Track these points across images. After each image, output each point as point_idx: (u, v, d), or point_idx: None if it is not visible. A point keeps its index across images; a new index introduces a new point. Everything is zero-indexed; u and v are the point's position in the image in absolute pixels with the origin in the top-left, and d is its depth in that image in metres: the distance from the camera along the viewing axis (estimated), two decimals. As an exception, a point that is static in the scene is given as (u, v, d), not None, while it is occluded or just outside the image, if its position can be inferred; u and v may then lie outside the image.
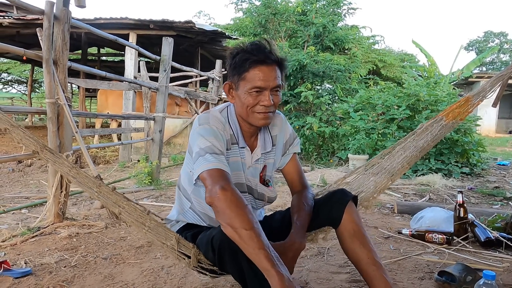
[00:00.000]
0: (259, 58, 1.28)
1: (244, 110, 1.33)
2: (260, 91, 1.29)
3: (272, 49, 1.32)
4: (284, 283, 1.03)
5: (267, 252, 1.06)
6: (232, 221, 1.10)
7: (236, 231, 1.09)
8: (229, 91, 1.38)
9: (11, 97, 21.11)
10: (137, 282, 1.80)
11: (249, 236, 1.07)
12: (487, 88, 1.93)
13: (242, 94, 1.31)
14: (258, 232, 1.09)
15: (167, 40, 4.53)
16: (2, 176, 5.22)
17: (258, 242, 1.07)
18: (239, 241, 1.10)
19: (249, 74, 1.29)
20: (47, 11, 2.49)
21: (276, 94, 1.33)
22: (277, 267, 1.05)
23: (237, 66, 1.31)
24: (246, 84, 1.29)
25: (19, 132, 1.16)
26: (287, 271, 1.07)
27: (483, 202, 3.76)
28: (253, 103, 1.30)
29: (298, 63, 7.58)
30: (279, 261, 1.08)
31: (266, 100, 1.29)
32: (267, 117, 1.33)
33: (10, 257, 2.04)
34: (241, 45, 1.33)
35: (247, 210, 1.13)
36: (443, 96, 6.01)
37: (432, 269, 2.00)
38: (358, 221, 1.40)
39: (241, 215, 1.10)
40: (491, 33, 30.44)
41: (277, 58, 1.31)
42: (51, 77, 2.54)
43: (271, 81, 1.29)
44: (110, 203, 1.24)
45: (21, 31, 8.36)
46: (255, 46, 1.31)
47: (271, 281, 1.04)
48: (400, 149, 1.86)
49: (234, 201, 1.13)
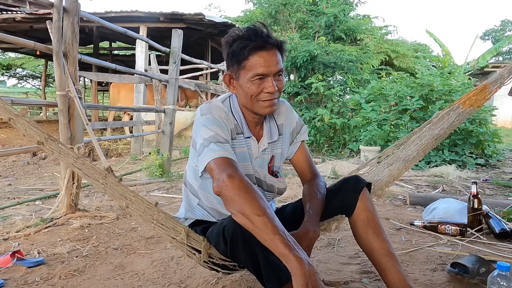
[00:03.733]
0: (257, 43, 1.22)
1: (248, 99, 1.28)
2: (263, 78, 1.24)
3: (269, 32, 1.26)
4: (304, 267, 0.96)
5: (283, 237, 1.00)
6: (242, 208, 1.05)
7: (248, 218, 1.03)
8: (229, 82, 1.32)
9: (25, 92, 21.45)
10: (147, 272, 1.82)
11: (263, 222, 1.01)
12: (505, 75, 1.86)
13: (244, 83, 1.26)
14: (271, 217, 1.03)
15: (176, 32, 4.52)
16: (17, 169, 5.32)
17: (273, 227, 1.01)
18: (252, 228, 1.04)
19: (249, 62, 1.23)
20: (56, 4, 2.50)
21: (279, 79, 1.27)
22: (295, 251, 0.98)
23: (235, 55, 1.24)
24: (247, 72, 1.24)
25: (24, 122, 1.15)
26: (306, 255, 1.00)
27: (498, 194, 3.68)
28: (257, 92, 1.25)
29: (309, 54, 7.50)
30: (296, 245, 1.01)
31: (270, 86, 1.24)
32: (273, 104, 1.28)
33: (24, 247, 2.08)
34: (236, 31, 1.26)
35: (257, 195, 1.07)
36: (457, 86, 5.88)
37: (444, 260, 1.96)
38: (372, 209, 1.36)
39: (251, 201, 1.04)
40: (508, 22, 29.58)
41: (276, 41, 1.26)
42: (61, 69, 2.56)
43: (273, 66, 1.23)
44: (117, 195, 1.23)
45: (34, 26, 8.45)
46: (251, 31, 1.24)
47: (290, 266, 0.97)
48: (416, 138, 1.82)
49: (243, 187, 1.07)
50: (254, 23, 1.29)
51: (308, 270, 0.97)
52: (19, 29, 8.81)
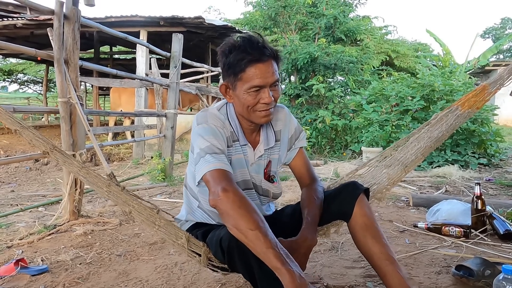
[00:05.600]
0: (254, 56, 1.23)
1: (244, 110, 1.30)
2: (259, 89, 1.25)
3: (265, 42, 1.27)
4: (296, 280, 1.00)
5: (275, 251, 1.04)
6: (236, 222, 1.09)
7: (242, 232, 1.08)
8: (226, 92, 1.33)
9: (27, 97, 21.54)
10: (151, 278, 1.81)
11: (256, 236, 1.06)
12: (504, 75, 1.85)
13: (241, 94, 1.27)
14: (264, 231, 1.07)
15: (176, 36, 4.53)
16: (20, 175, 5.34)
17: (266, 241, 1.05)
18: (246, 242, 1.08)
19: (245, 74, 1.24)
20: (57, 11, 2.51)
21: (275, 89, 1.29)
22: (287, 265, 1.03)
23: (231, 66, 1.26)
24: (244, 84, 1.25)
25: (29, 133, 1.16)
26: (298, 268, 1.05)
27: (501, 194, 3.66)
28: (253, 103, 1.27)
29: (309, 55, 7.51)
30: (289, 258, 1.06)
31: (267, 97, 1.25)
32: (269, 114, 1.30)
33: (27, 255, 2.08)
34: (232, 41, 1.28)
35: (251, 209, 1.10)
36: (458, 86, 5.87)
37: (449, 263, 1.96)
38: (370, 214, 1.36)
39: (245, 216, 1.08)
40: (508, 20, 29.53)
41: (272, 52, 1.27)
42: (63, 76, 2.56)
43: (269, 77, 1.25)
44: (121, 202, 1.25)
45: (35, 32, 8.49)
46: (247, 42, 1.25)
47: (283, 279, 1.02)
48: (414, 140, 1.81)
49: (237, 201, 1.11)
50: (249, 33, 1.30)
51: (300, 283, 1.01)
52: (20, 35, 8.85)
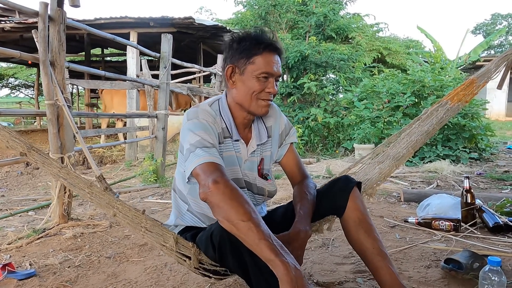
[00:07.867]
0: (272, 45, 1.29)
1: (248, 96, 1.30)
2: (268, 77, 1.29)
3: (278, 38, 1.34)
4: (291, 272, 0.96)
5: (268, 242, 1.00)
6: (228, 214, 1.04)
7: (234, 224, 1.03)
8: (230, 76, 1.33)
9: (19, 102, 21.35)
10: (140, 279, 1.80)
11: (248, 227, 1.01)
12: (491, 69, 1.87)
13: (249, 78, 1.28)
14: (257, 222, 1.02)
15: (166, 37, 4.51)
16: (11, 179, 5.28)
17: (258, 232, 1.01)
18: (238, 234, 1.04)
19: (260, 58, 1.27)
20: (41, 12, 2.48)
21: (276, 84, 1.33)
22: (281, 256, 0.98)
23: (246, 49, 1.28)
24: (256, 68, 1.27)
25: (5, 134, 1.14)
26: (293, 259, 1.00)
27: (492, 187, 3.69)
28: (260, 89, 1.29)
29: (300, 54, 7.52)
30: (283, 249, 1.01)
31: (272, 87, 1.30)
32: (268, 105, 1.34)
33: (16, 259, 2.06)
34: (246, 30, 1.32)
35: (242, 200, 1.07)
36: (448, 81, 5.91)
37: (438, 257, 1.96)
38: (363, 209, 1.36)
39: (236, 207, 1.04)
40: (498, 15, 29.79)
41: (282, 49, 1.34)
42: (49, 78, 2.53)
43: (278, 69, 1.31)
44: (103, 204, 1.22)
45: (24, 35, 8.40)
46: (263, 33, 1.31)
47: (276, 271, 0.97)
48: (406, 136, 1.83)
49: (228, 193, 1.07)
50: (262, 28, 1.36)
51: (295, 275, 0.96)
52: (10, 38, 8.77)
